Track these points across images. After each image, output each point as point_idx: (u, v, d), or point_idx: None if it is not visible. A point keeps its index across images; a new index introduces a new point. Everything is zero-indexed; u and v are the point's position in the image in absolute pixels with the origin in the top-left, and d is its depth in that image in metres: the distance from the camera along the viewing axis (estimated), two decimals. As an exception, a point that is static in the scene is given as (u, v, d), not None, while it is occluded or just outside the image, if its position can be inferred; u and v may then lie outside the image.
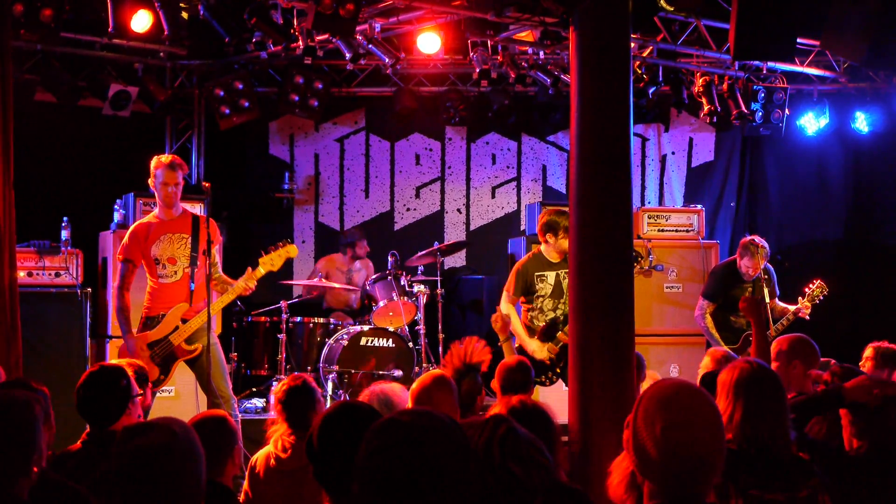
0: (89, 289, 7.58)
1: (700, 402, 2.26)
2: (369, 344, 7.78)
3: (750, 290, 7.44)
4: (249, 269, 6.07)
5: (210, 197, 6.71)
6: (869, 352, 5.26)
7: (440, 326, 8.44)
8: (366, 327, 7.91)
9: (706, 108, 9.28)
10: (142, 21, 7.53)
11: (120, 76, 8.42)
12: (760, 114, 9.44)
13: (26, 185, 6.44)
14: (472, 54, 8.67)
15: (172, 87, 8.98)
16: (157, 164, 6.07)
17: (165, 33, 7.51)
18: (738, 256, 7.52)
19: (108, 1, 7.36)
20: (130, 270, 6.08)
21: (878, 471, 3.55)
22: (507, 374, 4.77)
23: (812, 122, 9.92)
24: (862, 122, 9.85)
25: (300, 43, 7.81)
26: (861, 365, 5.17)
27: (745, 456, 3.07)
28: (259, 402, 8.00)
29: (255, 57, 8.91)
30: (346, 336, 7.83)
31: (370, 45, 8.14)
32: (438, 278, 8.53)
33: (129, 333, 5.98)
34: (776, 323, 7.33)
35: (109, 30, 7.52)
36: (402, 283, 8.12)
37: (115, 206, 7.91)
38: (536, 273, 6.69)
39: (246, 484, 4.23)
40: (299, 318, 8.18)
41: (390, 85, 9.53)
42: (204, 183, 6.58)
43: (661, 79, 9.04)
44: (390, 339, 7.84)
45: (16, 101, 5.41)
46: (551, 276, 6.67)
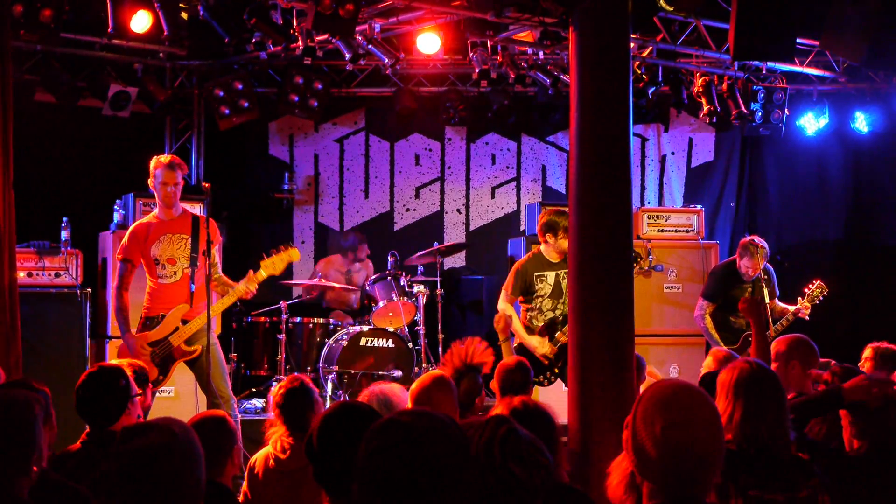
0: (89, 289, 7.59)
1: (699, 402, 2.27)
2: (369, 344, 7.78)
3: (749, 290, 7.44)
4: (251, 271, 6.06)
5: (210, 197, 6.73)
6: (868, 352, 5.26)
7: (440, 327, 8.43)
8: (365, 328, 7.91)
9: (706, 108, 9.27)
10: (141, 21, 7.53)
11: (120, 76, 8.42)
12: (760, 114, 9.42)
13: (26, 186, 6.44)
14: (471, 54, 8.67)
15: (172, 88, 8.98)
16: (157, 164, 6.07)
17: (165, 33, 7.50)
18: (737, 257, 7.52)
19: (108, 1, 7.36)
20: (129, 270, 6.08)
21: (878, 471, 3.55)
22: (506, 375, 4.76)
23: (812, 123, 9.91)
24: (861, 122, 9.84)
25: (300, 43, 7.81)
26: (860, 365, 5.17)
27: (745, 456, 3.07)
28: (259, 403, 8.00)
29: (254, 57, 8.91)
30: (345, 336, 7.83)
31: (370, 46, 8.14)
32: (438, 278, 8.52)
33: (128, 333, 5.98)
34: (776, 323, 7.33)
35: (109, 30, 7.52)
36: (402, 284, 8.11)
37: (115, 207, 7.91)
38: (536, 273, 6.69)
39: (245, 485, 4.23)
40: (299, 319, 8.17)
41: (390, 85, 9.53)
42: (204, 183, 6.60)
43: (660, 79, 9.04)
44: (390, 340, 7.84)
45: (16, 101, 5.42)
46: (551, 277, 6.67)
